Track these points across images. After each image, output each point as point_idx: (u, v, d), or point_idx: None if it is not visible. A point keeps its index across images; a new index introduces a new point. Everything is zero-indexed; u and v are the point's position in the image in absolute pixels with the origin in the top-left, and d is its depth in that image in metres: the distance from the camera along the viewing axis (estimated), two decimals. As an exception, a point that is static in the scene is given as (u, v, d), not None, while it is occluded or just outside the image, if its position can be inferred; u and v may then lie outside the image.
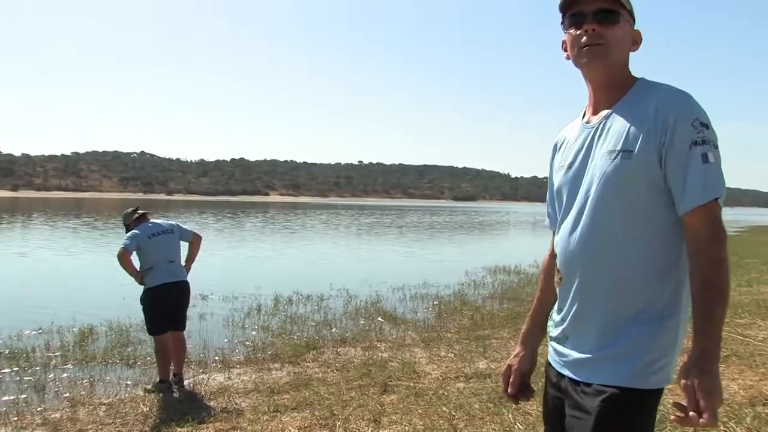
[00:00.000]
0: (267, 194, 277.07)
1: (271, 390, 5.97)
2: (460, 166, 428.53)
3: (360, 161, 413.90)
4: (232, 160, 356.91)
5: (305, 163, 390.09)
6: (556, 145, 2.10)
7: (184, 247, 6.62)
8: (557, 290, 1.99)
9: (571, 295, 1.91)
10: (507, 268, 17.32)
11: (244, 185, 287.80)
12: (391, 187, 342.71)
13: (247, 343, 8.32)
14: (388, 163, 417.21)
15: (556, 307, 2.03)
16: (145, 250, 6.25)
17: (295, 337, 8.56)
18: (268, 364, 7.11)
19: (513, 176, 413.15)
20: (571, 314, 1.91)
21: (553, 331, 2.01)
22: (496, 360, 6.76)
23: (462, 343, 7.74)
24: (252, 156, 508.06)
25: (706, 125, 1.72)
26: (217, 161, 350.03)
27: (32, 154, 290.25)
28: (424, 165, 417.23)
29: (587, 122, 1.95)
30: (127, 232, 6.42)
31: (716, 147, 1.73)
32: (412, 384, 5.88)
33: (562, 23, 1.94)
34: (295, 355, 7.45)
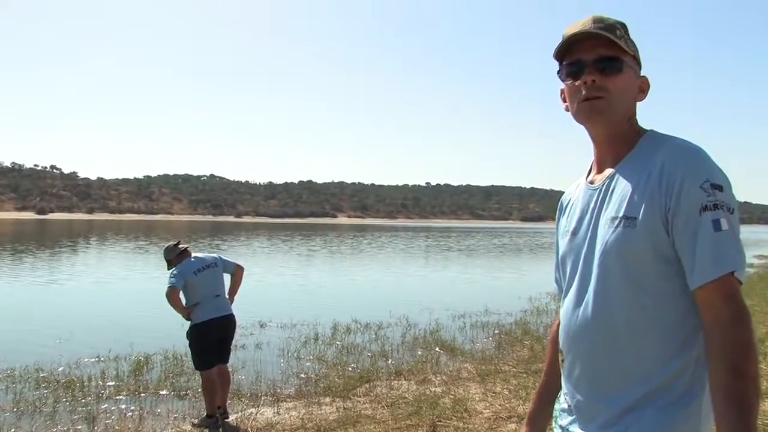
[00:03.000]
0: (335, 216, 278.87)
1: (318, 428, 5.83)
2: (527, 186, 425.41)
3: (427, 182, 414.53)
4: (300, 182, 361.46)
5: (373, 184, 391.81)
6: (561, 206, 1.88)
7: (226, 278, 6.58)
8: (561, 371, 1.77)
9: (574, 379, 1.68)
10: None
11: (312, 207, 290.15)
12: (458, 208, 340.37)
13: (301, 375, 8.23)
14: (455, 184, 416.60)
15: (562, 389, 1.80)
16: (192, 285, 6.20)
17: (350, 369, 8.42)
18: (319, 398, 6.98)
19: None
20: (575, 401, 1.67)
21: (560, 418, 1.77)
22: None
23: (519, 378, 7.47)
24: (320, 178, 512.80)
25: (719, 187, 1.48)
26: (286, 183, 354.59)
27: (107, 177, 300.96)
28: (492, 186, 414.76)
29: (591, 182, 1.73)
30: (169, 268, 6.41)
31: (731, 212, 1.47)
32: (461, 425, 5.65)
33: (558, 72, 1.72)
34: (346, 388, 7.30)
